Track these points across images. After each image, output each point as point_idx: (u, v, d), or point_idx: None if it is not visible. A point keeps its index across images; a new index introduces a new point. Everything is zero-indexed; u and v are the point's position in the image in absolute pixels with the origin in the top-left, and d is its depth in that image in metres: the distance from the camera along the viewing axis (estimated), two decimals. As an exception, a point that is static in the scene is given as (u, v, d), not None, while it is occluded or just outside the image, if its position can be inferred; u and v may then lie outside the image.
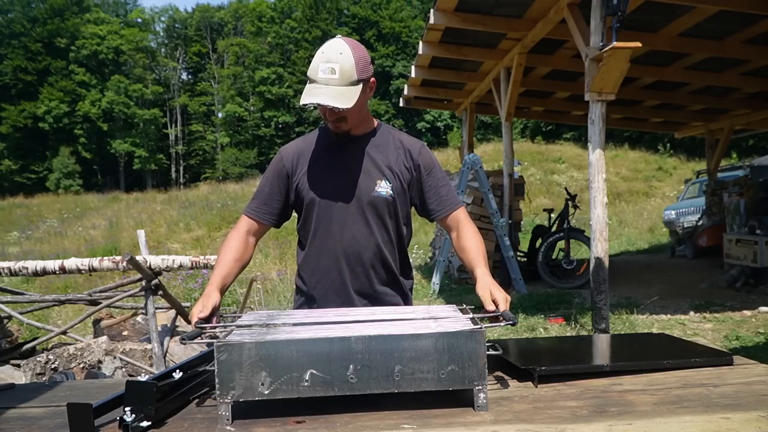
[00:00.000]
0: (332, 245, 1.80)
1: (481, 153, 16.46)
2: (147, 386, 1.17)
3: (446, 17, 6.54)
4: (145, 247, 4.11)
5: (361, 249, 1.79)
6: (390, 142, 1.85)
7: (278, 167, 1.85)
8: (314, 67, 1.67)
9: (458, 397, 1.25)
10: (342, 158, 1.81)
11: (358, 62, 1.68)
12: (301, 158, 1.84)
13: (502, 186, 8.10)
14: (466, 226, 1.83)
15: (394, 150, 1.83)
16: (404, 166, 1.82)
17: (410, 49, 40.00)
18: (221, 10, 51.31)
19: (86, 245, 15.99)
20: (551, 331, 5.34)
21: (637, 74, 7.98)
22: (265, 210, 1.85)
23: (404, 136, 1.89)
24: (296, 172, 1.83)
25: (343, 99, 1.65)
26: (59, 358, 3.64)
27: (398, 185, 1.81)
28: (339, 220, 1.79)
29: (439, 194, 1.85)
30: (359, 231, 1.79)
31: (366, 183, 1.78)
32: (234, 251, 1.78)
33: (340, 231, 1.79)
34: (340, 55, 1.66)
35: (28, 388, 1.68)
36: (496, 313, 1.49)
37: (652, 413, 1.16)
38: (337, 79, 1.65)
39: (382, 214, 1.79)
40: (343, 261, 1.80)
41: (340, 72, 1.65)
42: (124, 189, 35.42)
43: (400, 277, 1.89)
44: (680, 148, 23.47)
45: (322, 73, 1.65)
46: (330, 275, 1.82)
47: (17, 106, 40.78)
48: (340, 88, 1.65)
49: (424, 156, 1.85)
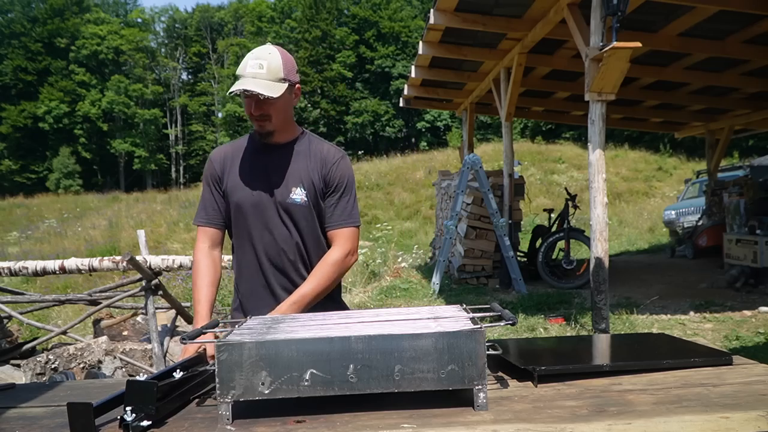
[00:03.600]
0: (255, 247, 1.88)
1: (481, 153, 16.46)
2: (148, 386, 1.17)
3: (446, 17, 6.54)
4: (145, 247, 4.11)
5: (281, 251, 1.87)
6: (310, 150, 1.91)
7: (211, 172, 1.93)
8: (243, 64, 1.77)
9: (458, 396, 1.25)
10: (264, 164, 1.89)
11: (285, 63, 1.79)
12: (227, 162, 1.92)
13: (502, 186, 8.10)
14: (334, 251, 1.87)
15: (312, 159, 1.90)
16: (318, 175, 1.88)
17: (410, 49, 39.99)
18: (221, 10, 51.32)
19: (86, 245, 16.00)
20: (551, 331, 5.33)
21: (637, 74, 7.99)
22: (214, 216, 1.92)
23: (326, 146, 1.94)
24: (225, 175, 1.91)
25: (268, 89, 1.74)
26: (59, 358, 3.64)
27: (312, 193, 1.87)
28: (260, 223, 1.86)
29: (333, 209, 1.89)
30: (279, 234, 1.86)
31: (283, 189, 1.86)
32: (207, 276, 1.88)
33: (261, 234, 1.87)
34: (268, 54, 1.77)
35: (28, 388, 1.69)
36: None
37: (652, 413, 1.16)
38: (264, 73, 1.74)
39: (297, 219, 1.86)
40: (266, 262, 1.88)
41: (267, 68, 1.75)
42: (124, 189, 35.45)
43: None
44: (680, 148, 23.48)
45: (250, 68, 1.75)
46: (255, 276, 1.90)
47: (17, 106, 40.80)
48: (266, 81, 1.74)
49: (337, 169, 1.90)
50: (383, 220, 17.80)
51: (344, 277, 2.09)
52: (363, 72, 43.14)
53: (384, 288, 7.67)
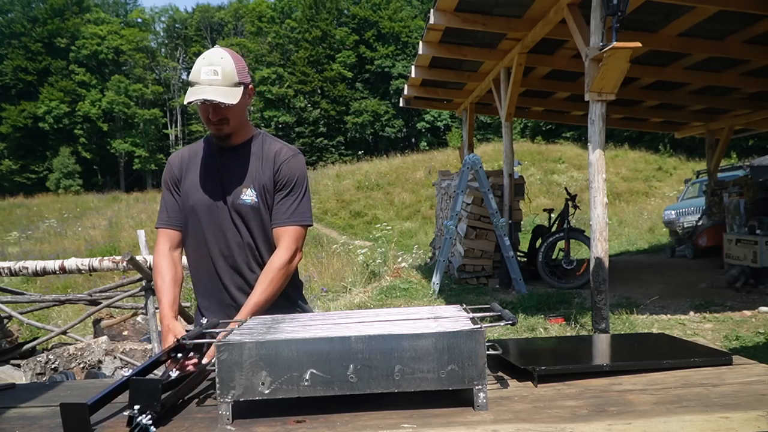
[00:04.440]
0: (209, 249, 1.88)
1: (481, 153, 16.47)
2: (152, 384, 1.17)
3: (446, 17, 6.54)
4: (145, 247, 4.11)
5: (232, 253, 1.88)
6: (263, 150, 1.92)
7: (170, 175, 1.95)
8: (196, 70, 1.76)
9: (458, 396, 1.25)
10: (217, 166, 1.90)
11: (238, 67, 1.79)
12: (184, 165, 1.94)
13: (502, 186, 8.10)
14: (278, 254, 1.84)
15: (264, 159, 1.90)
16: (268, 174, 1.88)
17: (410, 49, 39.99)
18: (221, 10, 51.34)
19: (86, 245, 16.01)
20: (551, 331, 5.33)
21: (637, 74, 7.99)
22: (174, 218, 1.94)
23: (278, 145, 1.94)
24: (181, 178, 1.92)
25: (227, 96, 1.74)
26: (59, 358, 3.64)
27: (263, 193, 1.87)
28: (212, 224, 1.87)
29: (279, 207, 1.88)
30: (231, 236, 1.87)
31: (234, 190, 1.86)
32: (167, 275, 1.87)
33: (213, 235, 1.88)
34: (221, 59, 1.77)
35: (28, 388, 1.69)
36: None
37: (652, 413, 1.16)
38: (220, 80, 1.74)
39: (248, 220, 1.86)
40: (220, 263, 1.89)
41: (222, 73, 1.75)
42: (124, 189, 35.48)
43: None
44: (680, 148, 23.49)
45: (205, 75, 1.74)
46: (210, 277, 1.91)
47: (17, 106, 40.81)
48: (223, 88, 1.74)
49: (286, 167, 1.89)
50: (383, 220, 17.80)
51: (344, 277, 2.08)
52: (363, 72, 43.15)
53: (384, 288, 7.67)
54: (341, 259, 9.33)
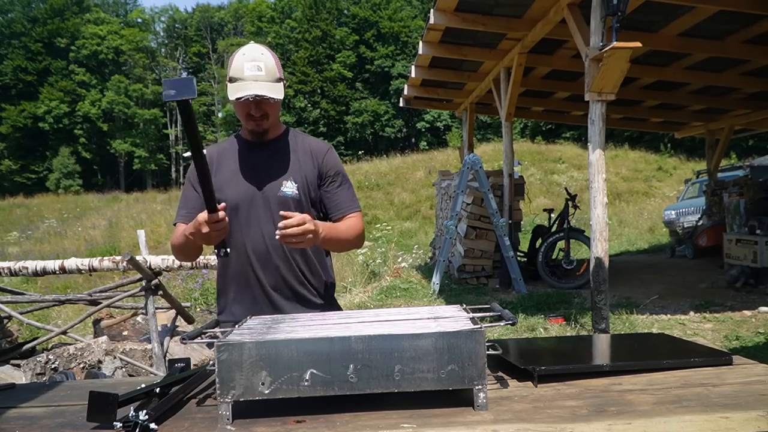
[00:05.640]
0: (242, 244, 1.87)
1: (481, 153, 16.47)
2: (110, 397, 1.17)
3: (446, 17, 6.54)
4: (145, 247, 4.11)
5: (269, 247, 1.86)
6: (298, 145, 1.95)
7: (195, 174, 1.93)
8: (238, 66, 1.77)
9: (458, 396, 1.25)
10: (251, 161, 1.90)
11: (277, 63, 1.83)
12: (213, 163, 1.92)
13: (502, 186, 8.10)
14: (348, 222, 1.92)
15: (301, 153, 1.93)
16: (310, 168, 1.91)
17: (410, 49, 39.98)
18: (221, 10, 51.34)
19: (86, 245, 16.01)
20: (551, 331, 5.34)
21: (637, 74, 7.99)
22: (194, 214, 1.87)
23: (312, 140, 1.99)
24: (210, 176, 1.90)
25: (273, 91, 1.78)
26: (59, 358, 3.64)
27: (304, 185, 1.88)
28: (248, 219, 1.86)
29: (337, 198, 1.92)
30: (267, 230, 1.85)
31: (273, 183, 1.87)
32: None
33: (248, 230, 1.86)
34: (262, 55, 1.79)
35: (28, 388, 1.68)
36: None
37: (652, 413, 1.16)
38: (264, 75, 1.77)
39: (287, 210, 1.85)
40: (254, 258, 1.87)
41: (265, 69, 1.77)
42: (124, 189, 35.47)
43: (313, 276, 1.94)
44: (680, 148, 23.48)
45: (249, 71, 1.76)
46: (244, 273, 1.89)
47: (17, 106, 40.81)
48: (268, 83, 1.77)
49: (329, 160, 1.94)
50: (383, 220, 17.79)
51: (344, 277, 2.09)
52: (363, 72, 43.14)
53: (384, 288, 7.68)
54: (341, 259, 9.33)
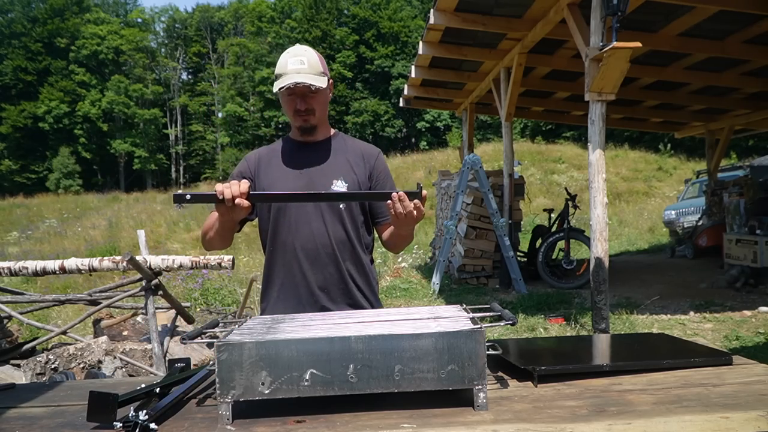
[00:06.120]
0: (291, 243, 1.87)
1: (481, 153, 16.47)
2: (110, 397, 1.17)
3: (446, 17, 6.54)
4: (145, 247, 4.11)
5: (318, 245, 1.87)
6: (348, 147, 1.97)
7: (242, 170, 1.96)
8: (282, 63, 1.83)
9: (458, 396, 1.25)
10: (301, 161, 1.91)
11: (321, 60, 1.88)
12: (263, 163, 1.94)
13: (502, 186, 8.10)
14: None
15: (352, 154, 1.95)
16: (361, 169, 1.92)
17: (410, 49, 39.98)
18: (221, 10, 51.32)
19: (86, 245, 15.99)
20: (551, 331, 5.34)
21: (637, 74, 7.99)
22: None
23: (361, 143, 2.02)
24: (258, 175, 1.92)
25: (316, 81, 1.81)
26: (59, 358, 3.64)
27: (355, 186, 1.89)
28: (297, 218, 1.87)
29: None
30: (317, 228, 1.86)
31: (323, 183, 1.87)
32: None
33: (297, 228, 1.87)
34: (305, 51, 1.86)
35: (28, 388, 1.68)
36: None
37: (652, 413, 1.16)
38: (307, 68, 1.82)
39: (337, 211, 1.87)
40: (302, 256, 1.87)
41: (308, 63, 1.82)
42: (124, 189, 35.47)
43: (360, 276, 1.93)
44: (680, 148, 23.47)
45: (292, 65, 1.81)
46: (291, 271, 1.89)
47: (17, 106, 40.80)
48: (311, 75, 1.82)
49: (379, 163, 1.97)
50: (383, 220, 17.74)
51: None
52: (363, 72, 43.14)
53: (384, 288, 7.68)
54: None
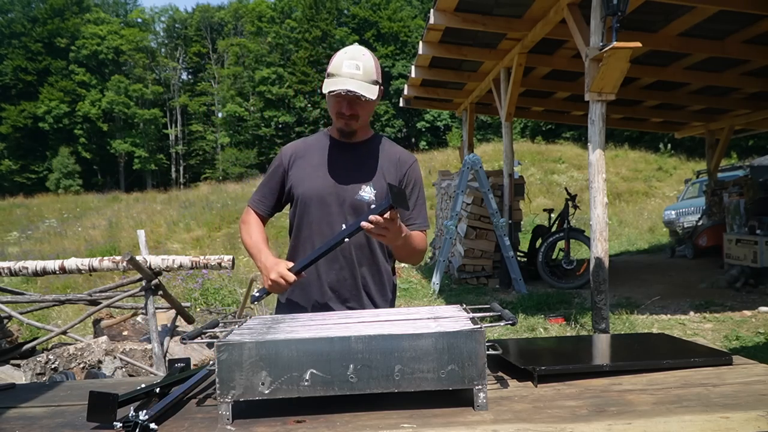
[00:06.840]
0: (311, 241, 1.87)
1: (481, 153, 16.46)
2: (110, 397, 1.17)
3: (446, 17, 6.54)
4: (145, 247, 4.10)
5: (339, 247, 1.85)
6: (385, 151, 1.94)
7: (277, 163, 1.97)
8: (338, 63, 1.78)
9: (458, 396, 1.25)
10: (335, 160, 1.89)
11: (376, 66, 1.84)
12: (297, 156, 1.93)
13: (502, 186, 8.10)
14: (416, 236, 1.89)
15: (386, 159, 1.91)
16: (393, 176, 1.89)
17: (410, 49, 39.97)
18: (221, 10, 51.28)
19: (86, 245, 15.98)
20: (551, 331, 5.34)
21: (637, 74, 7.99)
22: (264, 203, 1.99)
23: (399, 149, 1.98)
24: (291, 168, 1.92)
25: (368, 90, 1.77)
26: (59, 358, 3.64)
27: (383, 193, 1.85)
28: (321, 217, 1.86)
29: (410, 212, 1.90)
30: (338, 230, 1.83)
31: (352, 186, 1.86)
32: (259, 231, 1.94)
33: (320, 227, 1.86)
34: (363, 56, 1.81)
35: (28, 388, 1.68)
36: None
37: (652, 413, 1.16)
38: (361, 75, 1.77)
39: (361, 215, 1.82)
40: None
41: (363, 69, 1.78)
42: (124, 189, 35.44)
43: (374, 284, 1.91)
44: (680, 148, 23.46)
45: (347, 68, 1.77)
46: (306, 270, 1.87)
47: (17, 106, 40.78)
48: (364, 83, 1.77)
49: (413, 172, 1.95)
50: (383, 220, 17.73)
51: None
52: (363, 72, 43.08)
53: (384, 288, 7.66)
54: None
